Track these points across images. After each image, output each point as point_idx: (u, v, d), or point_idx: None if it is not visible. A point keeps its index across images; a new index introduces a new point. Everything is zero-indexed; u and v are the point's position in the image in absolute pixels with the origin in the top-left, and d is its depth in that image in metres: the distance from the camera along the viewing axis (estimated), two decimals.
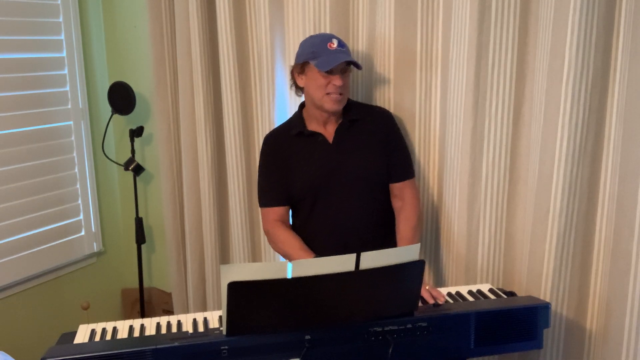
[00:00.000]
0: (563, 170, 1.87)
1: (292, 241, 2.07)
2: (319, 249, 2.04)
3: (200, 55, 2.60)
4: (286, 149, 2.13)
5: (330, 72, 1.98)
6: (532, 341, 1.73)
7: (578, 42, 1.77)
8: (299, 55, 2.07)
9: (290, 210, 2.19)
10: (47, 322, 2.85)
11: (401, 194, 2.13)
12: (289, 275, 1.45)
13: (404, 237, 2.08)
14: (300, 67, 2.07)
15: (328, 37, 2.02)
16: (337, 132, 2.10)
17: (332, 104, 2.02)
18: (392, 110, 2.25)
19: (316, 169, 2.09)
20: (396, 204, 2.15)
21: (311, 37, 2.13)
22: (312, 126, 2.12)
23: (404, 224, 2.10)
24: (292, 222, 2.19)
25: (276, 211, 2.14)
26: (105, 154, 3.02)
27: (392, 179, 2.14)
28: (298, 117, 2.16)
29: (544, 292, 1.97)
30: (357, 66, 2.03)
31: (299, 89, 2.14)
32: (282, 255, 2.15)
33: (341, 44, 2.02)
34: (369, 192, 2.12)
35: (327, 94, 2.01)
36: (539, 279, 1.97)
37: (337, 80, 1.99)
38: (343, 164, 2.08)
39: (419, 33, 2.18)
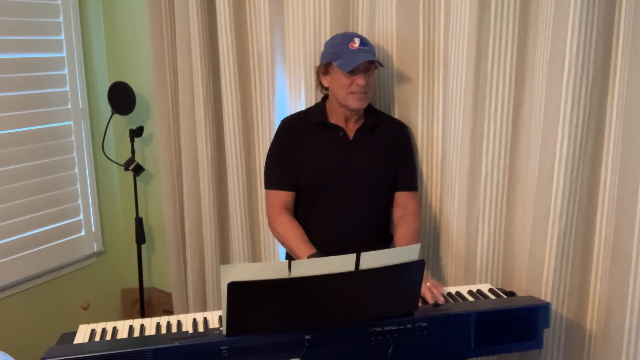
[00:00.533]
0: (563, 170, 1.87)
1: (293, 231, 2.07)
2: (318, 245, 2.04)
3: (200, 55, 2.59)
4: (303, 136, 2.13)
5: (353, 72, 1.98)
6: (532, 341, 1.73)
7: (578, 42, 1.77)
8: (322, 56, 2.09)
9: None
10: (47, 322, 2.85)
11: (404, 203, 2.14)
12: (289, 276, 1.45)
13: (403, 238, 2.07)
14: (324, 68, 2.07)
15: (350, 37, 2.02)
16: (358, 131, 2.11)
17: (356, 102, 2.03)
18: (394, 112, 2.25)
19: (330, 162, 2.10)
20: (397, 212, 2.15)
21: (334, 36, 2.13)
22: (333, 119, 2.13)
23: (404, 228, 2.10)
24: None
25: (282, 196, 2.13)
26: (105, 154, 3.02)
27: (398, 187, 2.15)
28: (320, 108, 2.15)
29: (544, 292, 1.97)
30: (380, 64, 2.03)
31: (324, 89, 2.14)
32: (280, 242, 2.15)
33: (363, 42, 2.01)
34: (375, 195, 2.13)
35: (351, 92, 2.01)
36: (539, 279, 1.97)
37: (360, 80, 1.99)
38: (357, 162, 2.09)
39: (420, 33, 2.18)
